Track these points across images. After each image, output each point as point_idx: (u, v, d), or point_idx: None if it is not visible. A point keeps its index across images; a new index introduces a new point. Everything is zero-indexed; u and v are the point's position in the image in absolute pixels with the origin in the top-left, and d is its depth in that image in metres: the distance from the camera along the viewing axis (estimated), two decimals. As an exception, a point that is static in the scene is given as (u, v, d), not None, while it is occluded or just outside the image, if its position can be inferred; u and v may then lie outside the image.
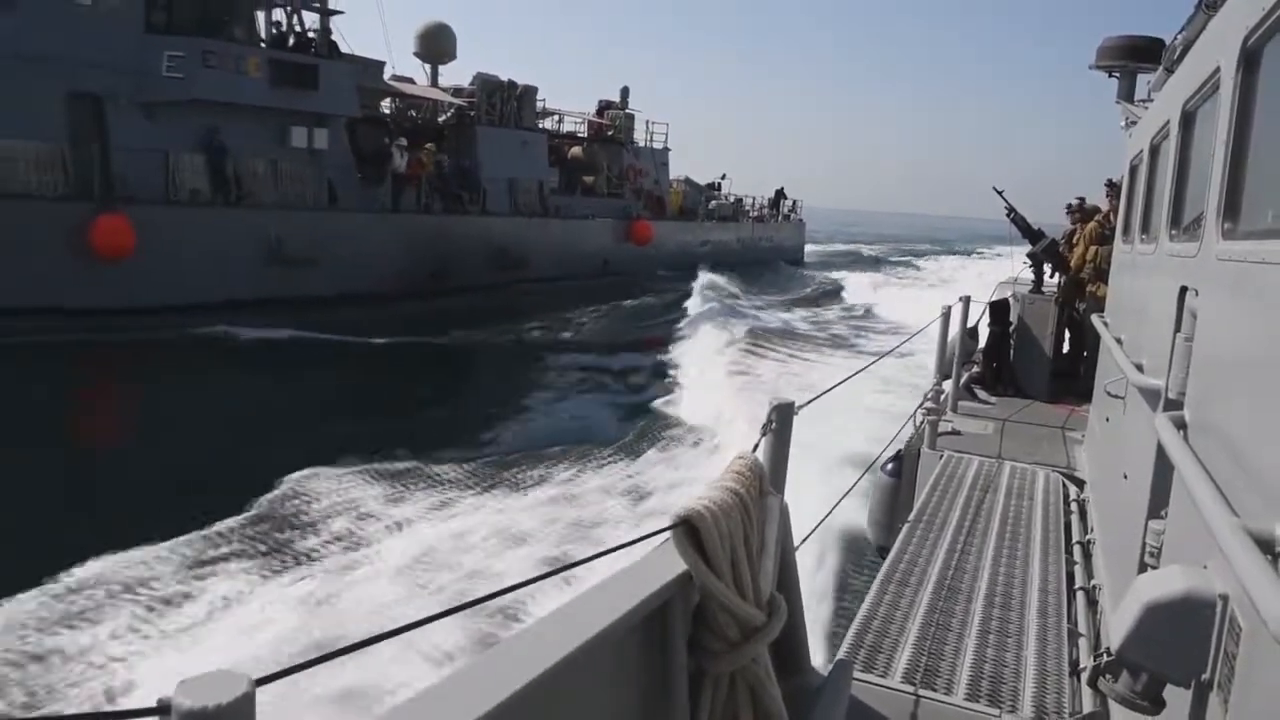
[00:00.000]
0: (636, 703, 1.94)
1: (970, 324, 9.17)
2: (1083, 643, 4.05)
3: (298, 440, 11.52)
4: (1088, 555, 5.10)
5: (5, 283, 16.01)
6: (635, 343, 21.02)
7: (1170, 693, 1.87)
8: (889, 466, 6.99)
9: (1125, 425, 4.13)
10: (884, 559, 5.21)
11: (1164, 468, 2.62)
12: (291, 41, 23.16)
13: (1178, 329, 2.74)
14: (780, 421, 2.65)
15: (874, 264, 54.42)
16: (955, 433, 7.67)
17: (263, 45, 22.43)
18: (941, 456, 6.95)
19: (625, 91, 36.28)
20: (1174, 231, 3.39)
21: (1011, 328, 9.68)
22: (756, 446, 2.55)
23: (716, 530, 1.93)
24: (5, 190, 16.64)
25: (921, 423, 7.38)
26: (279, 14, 23.38)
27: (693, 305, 25.12)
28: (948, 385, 8.58)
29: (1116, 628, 1.85)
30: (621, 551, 1.93)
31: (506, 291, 25.64)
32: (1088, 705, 3.40)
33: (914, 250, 73.20)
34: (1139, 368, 3.57)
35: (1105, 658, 1.93)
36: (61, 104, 17.84)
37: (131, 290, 17.56)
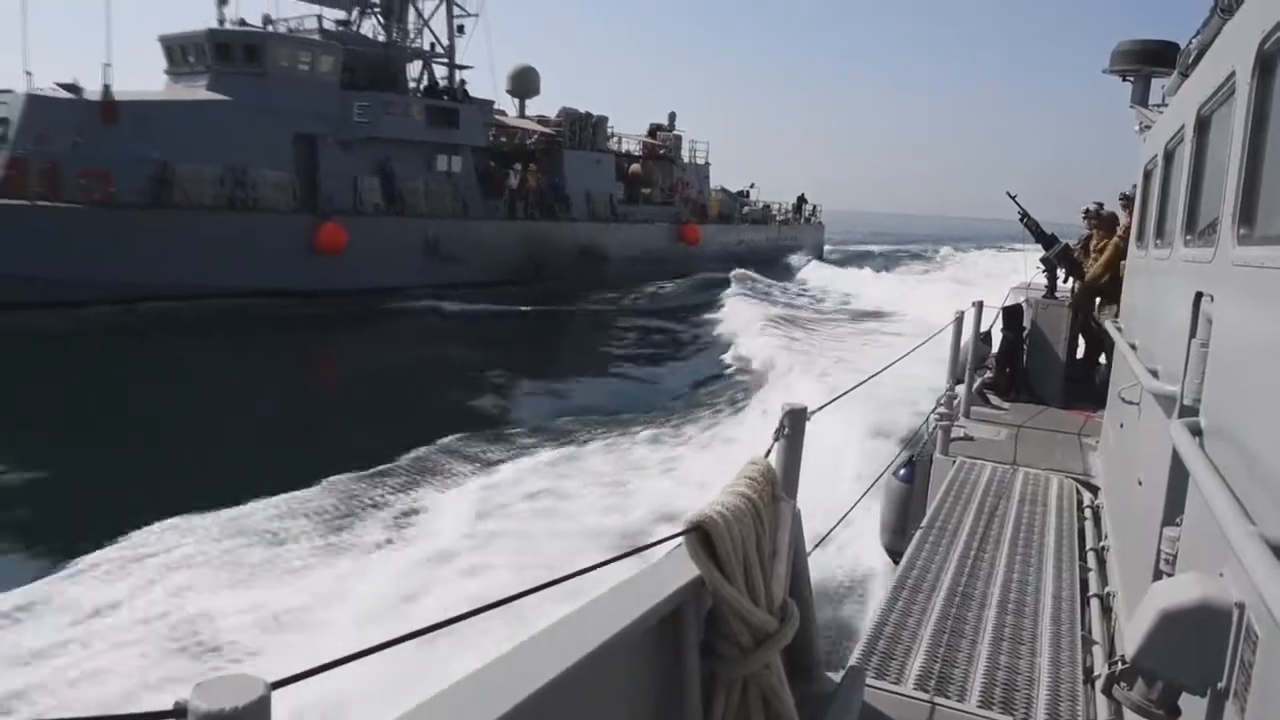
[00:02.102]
0: (650, 708, 1.94)
1: (984, 329, 9.13)
2: (1097, 650, 4.03)
3: (466, 378, 17.03)
4: (1102, 562, 5.06)
5: (260, 272, 22.99)
6: (693, 308, 28.62)
7: (1185, 701, 1.86)
8: (901, 472, 6.97)
9: (1140, 431, 4.11)
10: (896, 565, 5.19)
11: (1179, 474, 2.61)
12: (424, 83, 32.13)
13: (1193, 335, 2.72)
14: (793, 427, 2.64)
15: (878, 259, 59.46)
16: (968, 438, 7.63)
17: (418, 94, 30.86)
18: (954, 462, 6.91)
19: (673, 116, 43.33)
20: (1189, 237, 3.38)
21: (1025, 333, 9.63)
22: (769, 452, 2.55)
23: (729, 536, 1.94)
24: (258, 206, 24.14)
25: (934, 428, 7.36)
26: (424, 67, 32.62)
27: (730, 291, 31.27)
28: (961, 390, 8.54)
29: (1131, 635, 1.84)
30: (635, 557, 1.94)
31: (589, 279, 32.12)
32: (1102, 713, 3.38)
33: (918, 248, 79.85)
34: (1154, 373, 3.55)
35: (1120, 665, 1.92)
36: (289, 143, 25.60)
37: (344, 276, 24.89)
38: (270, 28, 27.28)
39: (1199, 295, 2.74)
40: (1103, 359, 9.62)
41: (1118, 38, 8.03)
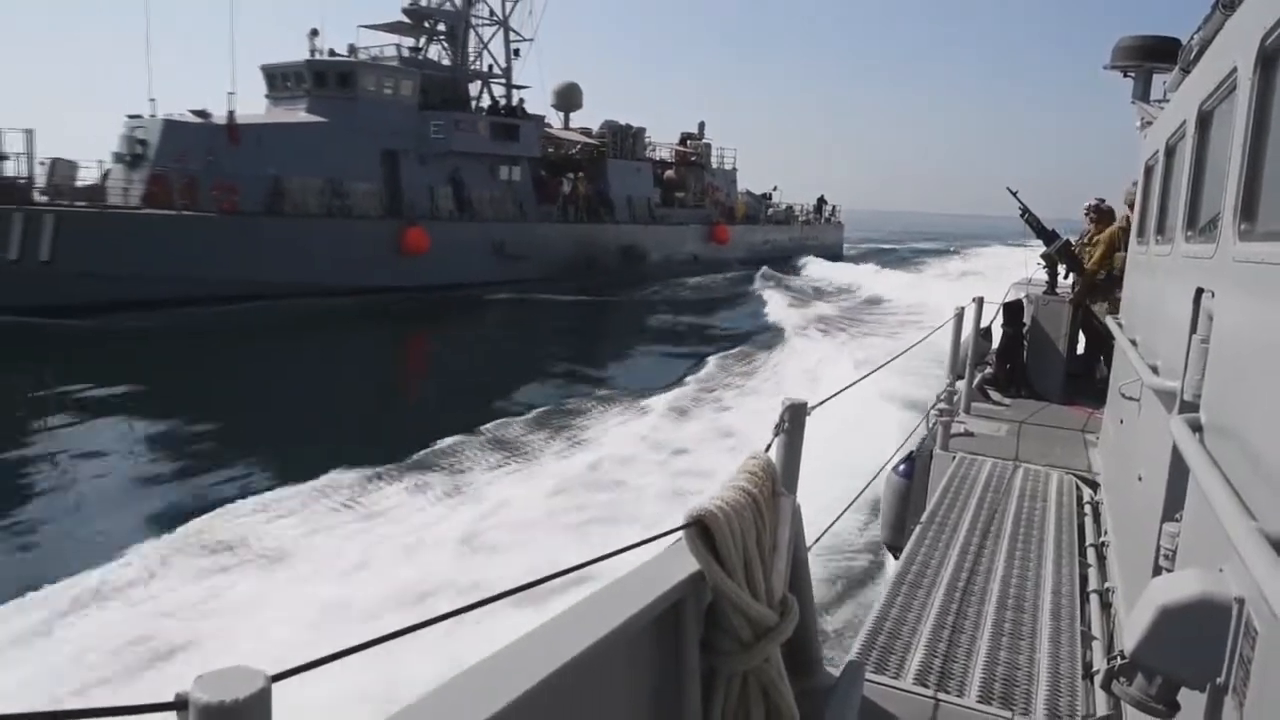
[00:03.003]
0: (649, 702, 1.95)
1: (984, 325, 9.12)
2: (1096, 646, 4.03)
3: (533, 360, 20.97)
4: (1101, 558, 5.07)
5: (356, 271, 26.94)
6: (727, 299, 34.24)
7: (1185, 696, 1.86)
8: (901, 467, 6.97)
9: (1140, 427, 4.11)
10: (896, 560, 5.20)
11: (1179, 470, 2.61)
12: (485, 101, 37.02)
13: (1193, 331, 2.72)
14: (793, 422, 2.64)
15: (902, 255, 65.03)
16: (968, 434, 7.63)
17: (483, 112, 35.43)
18: (954, 458, 6.92)
19: (702, 125, 47.89)
20: (1190, 233, 3.37)
21: (1025, 329, 9.63)
22: (769, 447, 2.55)
23: (729, 530, 1.94)
24: (352, 214, 28.18)
25: (934, 424, 7.36)
26: (483, 87, 37.57)
27: (759, 282, 36.87)
28: (961, 386, 8.54)
29: (1131, 630, 1.84)
30: (634, 551, 1.94)
31: (632, 275, 36.70)
32: (1101, 708, 3.39)
33: (941, 244, 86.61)
34: (1154, 369, 3.55)
35: (1119, 660, 1.92)
36: (377, 158, 29.59)
37: (426, 274, 28.80)
38: (355, 56, 31.60)
39: (1200, 291, 2.74)
40: (1103, 355, 9.62)
41: (1118, 32, 8.02)
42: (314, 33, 30.54)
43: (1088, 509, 6.01)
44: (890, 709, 3.42)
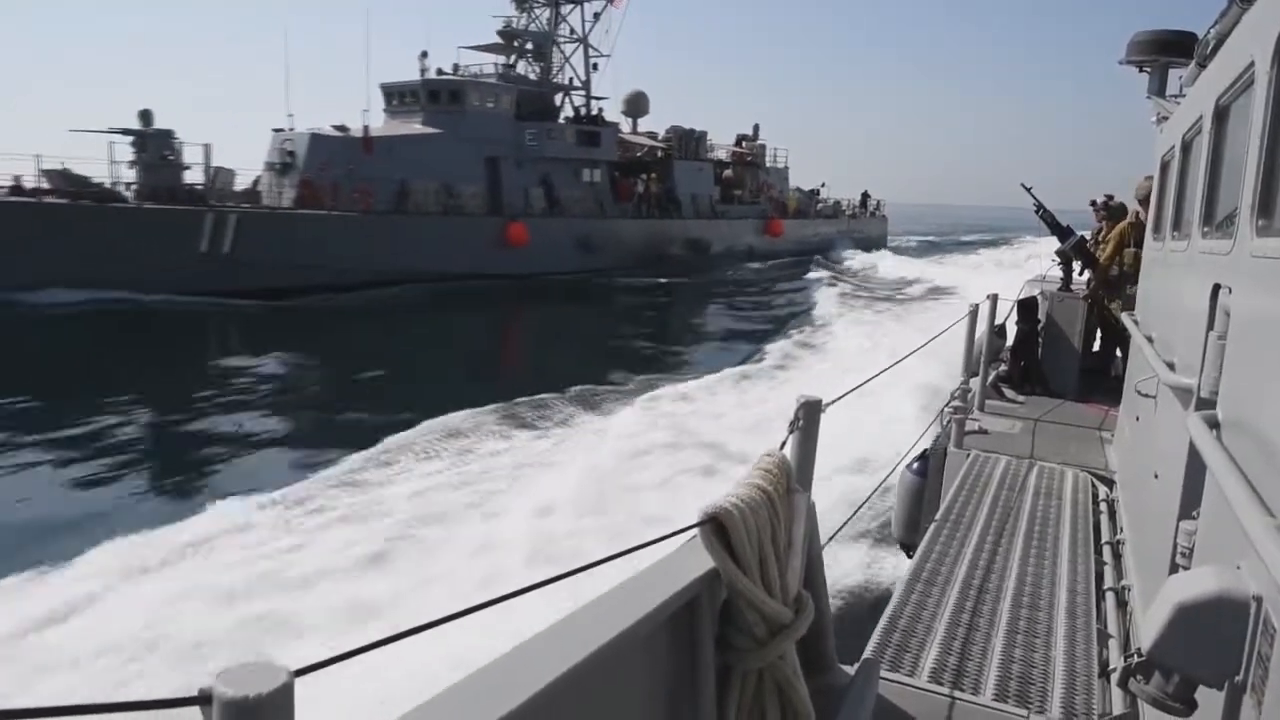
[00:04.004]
0: (664, 699, 1.95)
1: (998, 322, 9.08)
2: (1112, 644, 4.01)
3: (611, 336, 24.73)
4: (1117, 556, 5.04)
5: (468, 260, 31.30)
6: (783, 282, 38.95)
7: (1202, 694, 1.85)
8: (915, 465, 6.95)
9: (1156, 424, 4.09)
10: (910, 558, 5.19)
11: (1196, 467, 2.59)
12: (567, 111, 41.81)
13: (1210, 327, 2.70)
14: (807, 419, 2.64)
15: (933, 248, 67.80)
16: (983, 432, 7.60)
17: (569, 121, 40.04)
18: (969, 456, 6.89)
19: (756, 128, 51.99)
20: (1206, 228, 3.35)
21: (1040, 325, 9.58)
22: (784, 444, 2.55)
23: (744, 528, 1.94)
24: (462, 212, 32.66)
25: (949, 421, 7.33)
26: (564, 97, 41.97)
27: (812, 272, 40.91)
28: (975, 384, 8.50)
29: (1147, 628, 1.83)
30: (649, 548, 1.94)
31: (697, 265, 40.73)
32: (1118, 707, 3.37)
33: (971, 237, 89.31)
34: (1170, 366, 3.53)
35: (1136, 658, 1.91)
36: (481, 163, 34.08)
37: (524, 263, 33.14)
38: (459, 75, 36.87)
39: (1216, 287, 2.72)
40: (1118, 352, 9.56)
41: (1135, 26, 7.95)
42: (424, 54, 35.10)
43: (1103, 506, 5.98)
44: (905, 707, 3.41)
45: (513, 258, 32.96)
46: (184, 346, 21.10)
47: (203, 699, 0.98)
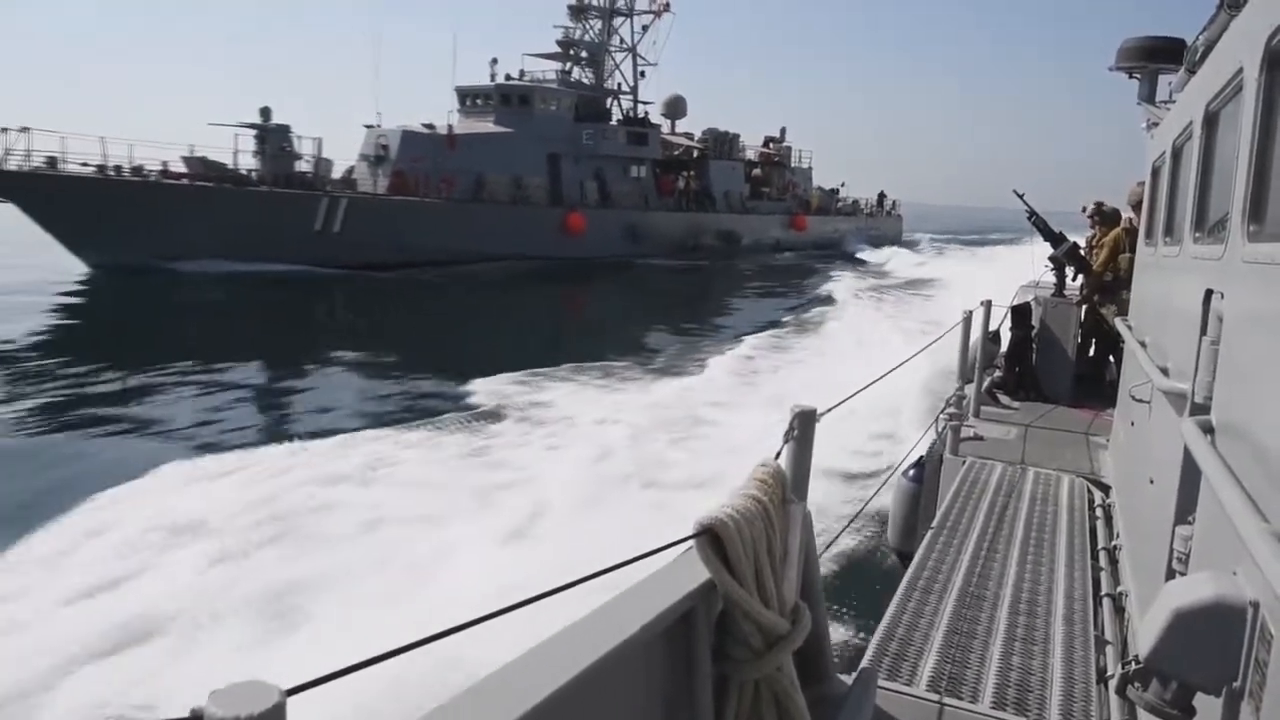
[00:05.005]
0: (661, 711, 1.94)
1: (992, 328, 9.09)
2: (1110, 650, 4.01)
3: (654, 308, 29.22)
4: (1114, 561, 5.04)
5: (532, 244, 36.16)
6: (807, 270, 43.30)
7: (1200, 701, 1.85)
8: (910, 472, 6.94)
9: (1151, 430, 4.09)
10: (906, 566, 5.18)
11: (1191, 473, 2.59)
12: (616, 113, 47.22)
13: (1203, 332, 2.71)
14: (802, 429, 2.64)
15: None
16: (978, 438, 7.61)
17: (620, 122, 45.20)
18: (964, 462, 6.89)
19: (783, 130, 57.39)
20: (1198, 234, 3.36)
21: (1034, 331, 9.59)
22: (779, 454, 2.54)
23: (740, 538, 1.93)
24: (528, 202, 37.56)
25: (944, 428, 7.33)
26: (612, 101, 47.21)
27: (830, 266, 44.86)
28: (969, 390, 8.51)
29: (1145, 635, 1.83)
30: (644, 560, 1.94)
31: (729, 254, 45.75)
32: (1115, 714, 3.37)
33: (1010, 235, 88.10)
34: (1164, 371, 3.54)
35: (1133, 665, 1.91)
36: (544, 160, 39.08)
37: (580, 248, 38.09)
38: (525, 80, 41.95)
39: (1209, 292, 2.72)
40: (1112, 357, 9.58)
41: (1123, 34, 7.99)
42: (494, 61, 41.03)
43: (1099, 512, 5.98)
44: (903, 716, 3.40)
45: (571, 243, 37.82)
46: (302, 308, 26.02)
47: (193, 719, 0.97)
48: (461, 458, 10.15)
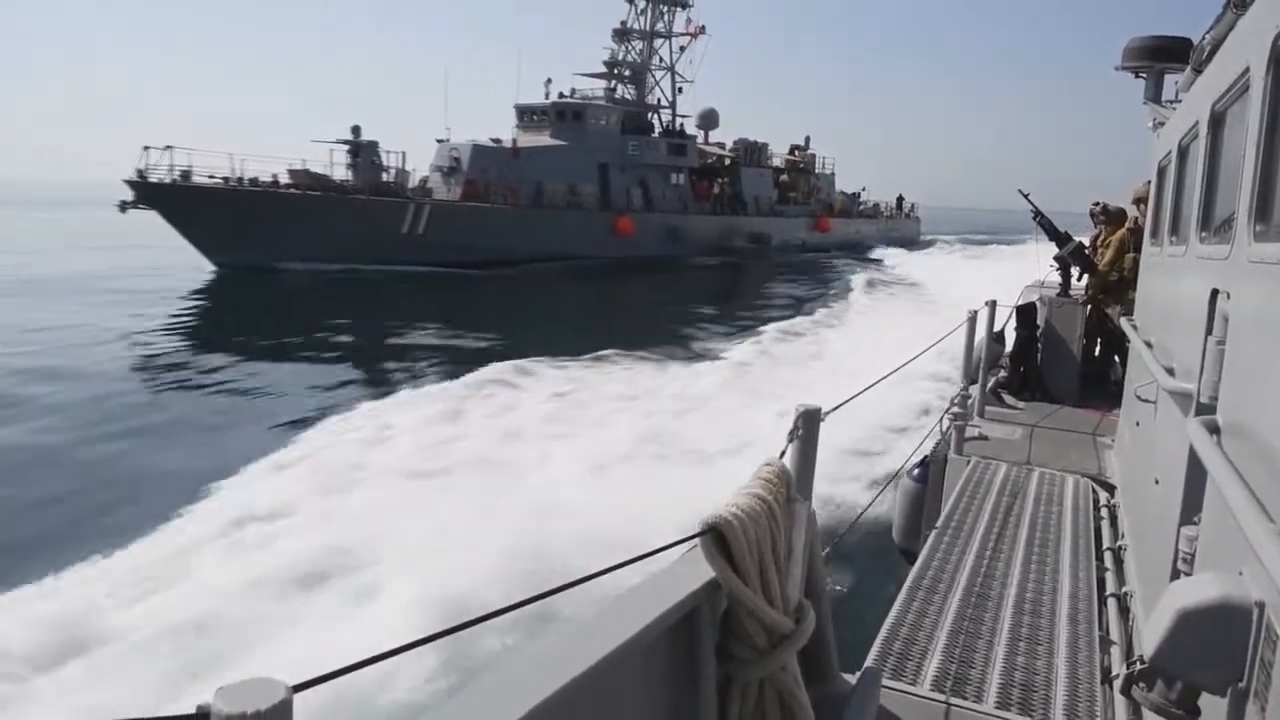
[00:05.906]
0: (665, 710, 1.94)
1: (997, 328, 9.08)
2: (1115, 650, 4.00)
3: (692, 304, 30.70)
4: (1119, 562, 5.03)
5: (586, 245, 40.63)
6: (829, 268, 46.51)
7: (1205, 701, 1.84)
8: (915, 472, 6.94)
9: (1156, 430, 4.08)
10: (911, 565, 5.17)
11: (1197, 473, 2.59)
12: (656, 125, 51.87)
13: (1209, 332, 2.70)
14: (807, 427, 2.64)
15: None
16: (983, 438, 7.59)
17: (661, 134, 49.67)
18: (969, 462, 6.88)
19: (808, 139, 61.42)
20: (1204, 234, 3.35)
21: (1039, 331, 9.57)
22: (783, 453, 2.54)
23: (744, 537, 1.94)
24: (581, 207, 42.38)
25: (948, 428, 7.32)
26: (651, 114, 51.44)
27: (850, 263, 48.54)
28: (974, 390, 8.49)
29: (1150, 635, 1.83)
30: (649, 559, 1.94)
31: (759, 254, 49.98)
32: (1120, 714, 3.36)
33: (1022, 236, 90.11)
34: (1170, 371, 3.53)
35: (1139, 666, 1.90)
36: (595, 169, 43.70)
37: (627, 249, 42.39)
38: (577, 98, 46.43)
39: (1215, 292, 2.72)
40: (1117, 357, 9.55)
41: (1130, 33, 7.97)
42: (548, 81, 45.75)
43: (1104, 512, 5.97)
44: (907, 715, 3.40)
45: (620, 244, 42.31)
46: (393, 301, 29.33)
47: (200, 716, 0.97)
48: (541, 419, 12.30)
